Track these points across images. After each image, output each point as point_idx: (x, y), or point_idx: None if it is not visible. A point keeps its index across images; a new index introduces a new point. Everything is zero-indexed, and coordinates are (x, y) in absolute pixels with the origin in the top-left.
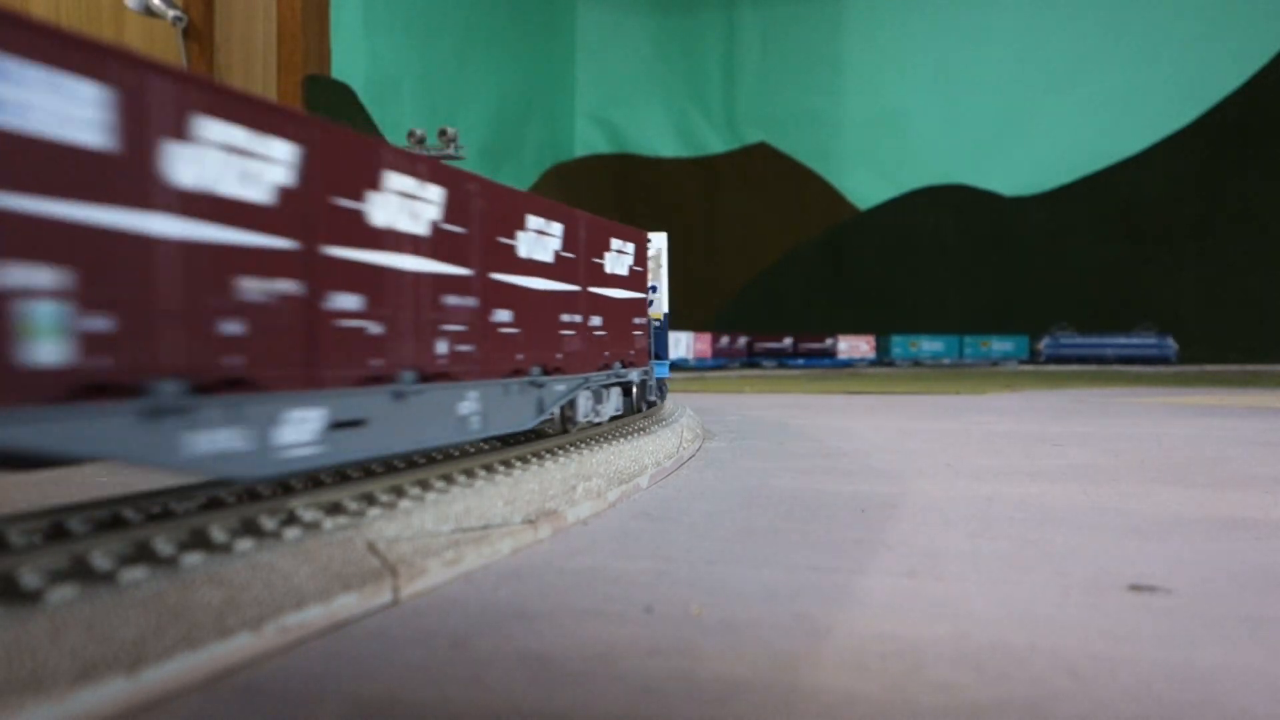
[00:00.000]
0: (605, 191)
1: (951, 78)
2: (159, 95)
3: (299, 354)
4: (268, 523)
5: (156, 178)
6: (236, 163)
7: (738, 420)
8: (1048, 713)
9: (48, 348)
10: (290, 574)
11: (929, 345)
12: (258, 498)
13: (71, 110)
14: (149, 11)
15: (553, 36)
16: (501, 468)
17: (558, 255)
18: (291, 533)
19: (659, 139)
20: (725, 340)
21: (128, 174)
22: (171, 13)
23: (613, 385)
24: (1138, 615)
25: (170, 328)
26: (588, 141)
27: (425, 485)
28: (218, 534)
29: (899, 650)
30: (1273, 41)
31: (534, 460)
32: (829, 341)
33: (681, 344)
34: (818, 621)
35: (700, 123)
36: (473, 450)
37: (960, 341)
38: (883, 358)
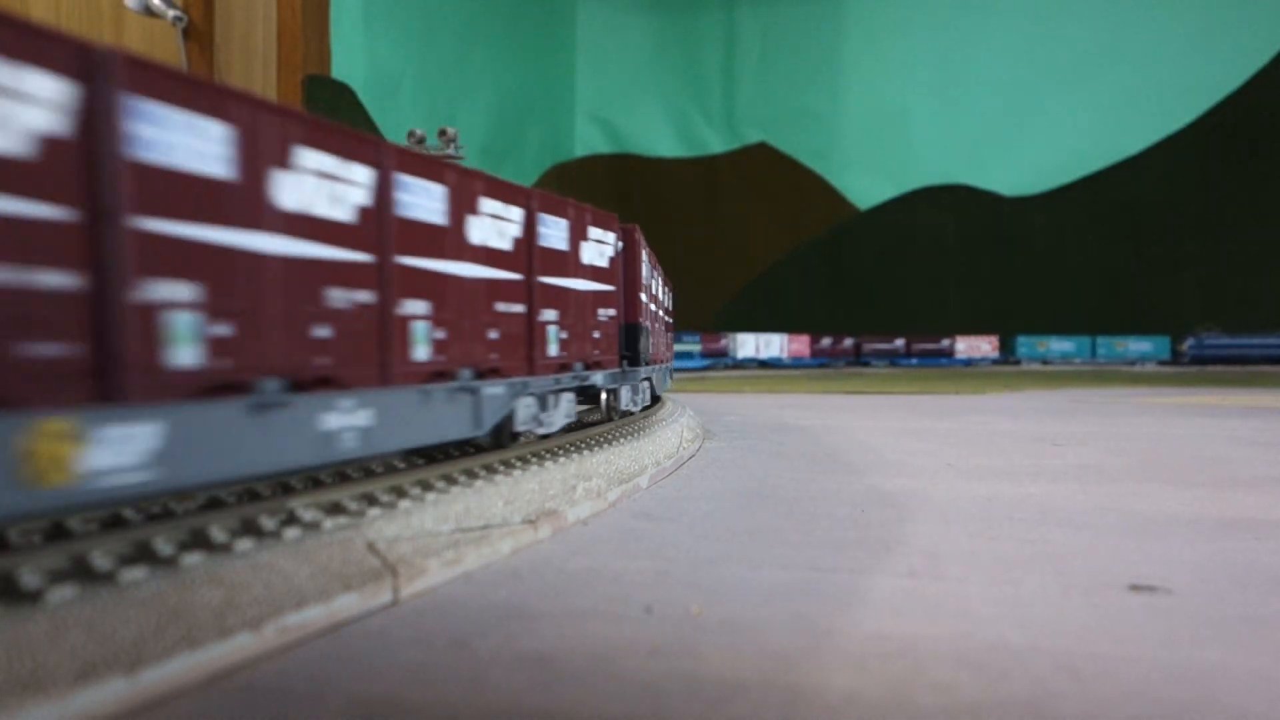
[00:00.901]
0: (605, 191)
1: (952, 78)
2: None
3: (656, 353)
4: (268, 523)
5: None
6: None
7: (738, 420)
8: (1048, 713)
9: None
10: (290, 574)
11: (1058, 345)
12: (257, 498)
13: (605, 252)
14: (149, 11)
15: (553, 36)
16: (501, 468)
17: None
18: (291, 533)
19: (659, 139)
20: (827, 341)
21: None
22: (171, 13)
23: (669, 370)
24: (1138, 615)
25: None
26: (588, 141)
27: (425, 485)
28: (218, 534)
29: (899, 650)
30: (1272, 42)
31: (534, 460)
32: (945, 342)
33: (774, 344)
34: (817, 621)
35: (700, 123)
36: (472, 450)
37: (1093, 342)
38: (1007, 358)
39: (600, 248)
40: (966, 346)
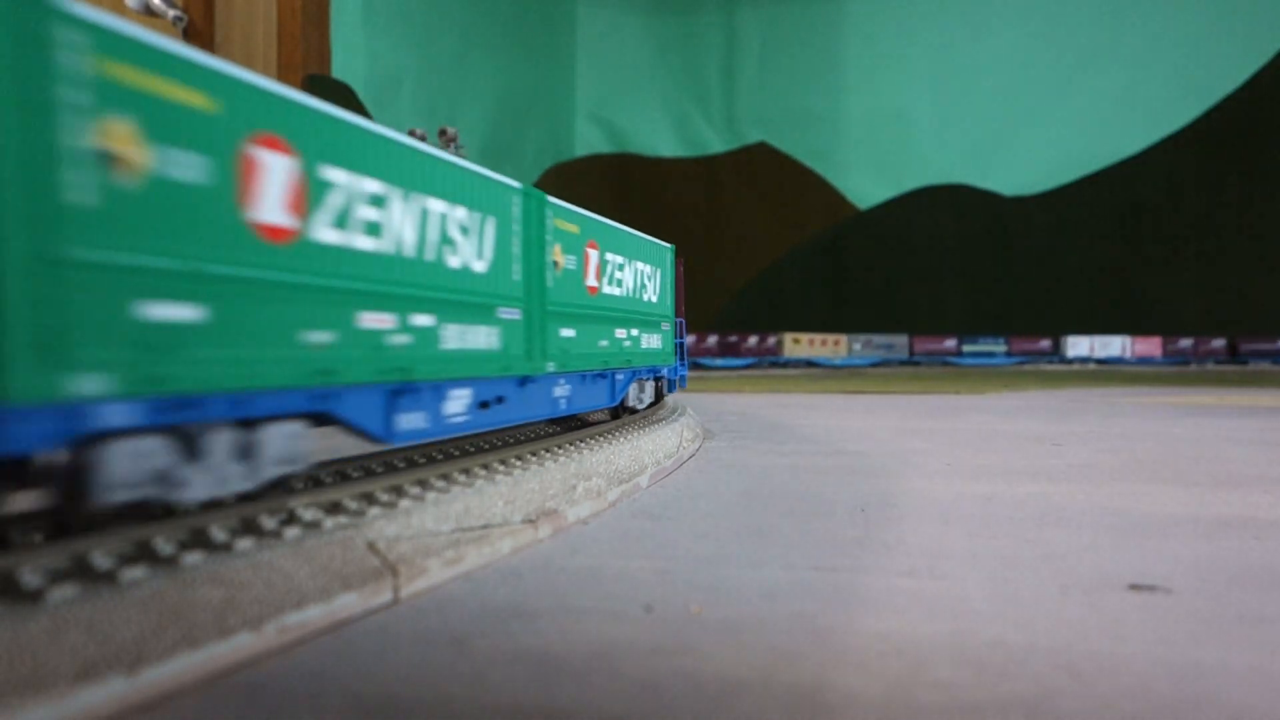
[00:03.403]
0: (605, 191)
1: (951, 78)
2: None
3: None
4: (268, 522)
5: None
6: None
7: (738, 420)
8: (1048, 712)
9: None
10: (290, 573)
11: None
12: (257, 498)
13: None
14: (149, 11)
15: (553, 36)
16: (501, 467)
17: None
18: (292, 532)
19: (659, 139)
20: (1187, 341)
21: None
22: (172, 12)
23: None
24: (1138, 614)
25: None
26: (588, 141)
27: (425, 485)
28: (218, 533)
29: (899, 650)
30: (1273, 41)
31: (534, 460)
32: None
33: (1114, 345)
34: (818, 621)
35: (700, 123)
36: (472, 450)
37: None
38: None
39: None
40: None
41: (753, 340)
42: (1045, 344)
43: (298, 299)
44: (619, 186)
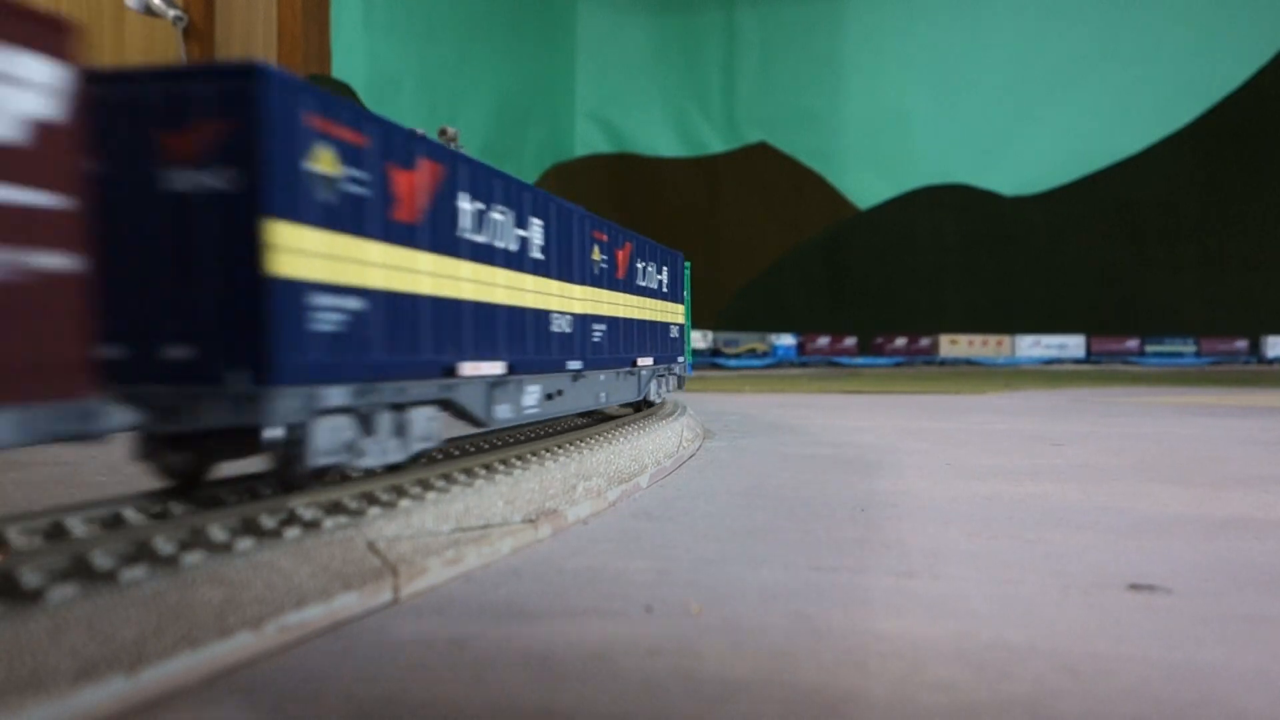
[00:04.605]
0: (605, 191)
1: (952, 78)
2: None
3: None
4: (268, 522)
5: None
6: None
7: (738, 420)
8: (1048, 712)
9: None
10: (290, 573)
11: None
12: (257, 497)
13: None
14: (149, 11)
15: (553, 36)
16: (501, 467)
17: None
18: (292, 532)
19: (659, 139)
20: None
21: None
22: (172, 12)
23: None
24: (1137, 615)
25: None
26: (588, 141)
27: (425, 485)
28: (218, 533)
29: (899, 650)
30: (1273, 41)
31: (534, 460)
32: None
33: None
34: (817, 621)
35: (700, 123)
36: (472, 450)
37: None
38: None
39: None
40: None
41: (900, 341)
42: (1241, 344)
43: None
44: (619, 186)
